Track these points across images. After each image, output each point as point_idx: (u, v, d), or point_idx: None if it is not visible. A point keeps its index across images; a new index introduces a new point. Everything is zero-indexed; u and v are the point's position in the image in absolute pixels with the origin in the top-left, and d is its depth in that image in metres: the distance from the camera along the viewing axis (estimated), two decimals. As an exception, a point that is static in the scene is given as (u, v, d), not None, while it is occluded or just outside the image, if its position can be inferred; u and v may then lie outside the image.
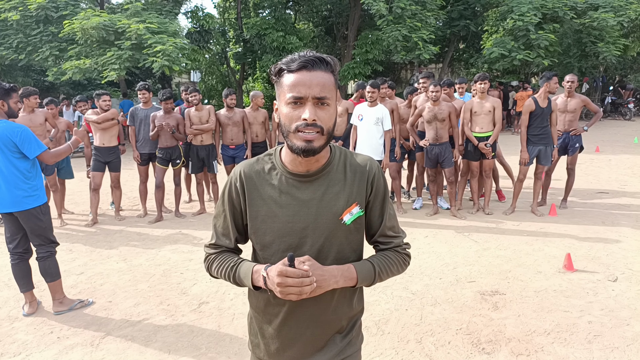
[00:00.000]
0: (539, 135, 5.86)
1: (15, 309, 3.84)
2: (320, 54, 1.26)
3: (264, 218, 1.34)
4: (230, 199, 1.40)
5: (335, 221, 1.33)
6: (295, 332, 1.39)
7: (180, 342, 3.26)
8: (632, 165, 9.33)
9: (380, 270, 1.38)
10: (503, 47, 15.49)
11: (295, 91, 1.22)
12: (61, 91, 18.37)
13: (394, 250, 1.45)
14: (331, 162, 1.35)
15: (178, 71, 14.62)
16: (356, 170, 1.37)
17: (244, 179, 1.37)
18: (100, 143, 6.24)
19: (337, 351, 1.43)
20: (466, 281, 4.12)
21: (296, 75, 1.22)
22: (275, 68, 1.28)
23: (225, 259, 1.41)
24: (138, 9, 14.60)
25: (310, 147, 1.22)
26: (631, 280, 4.02)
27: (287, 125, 1.24)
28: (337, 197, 1.33)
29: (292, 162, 1.33)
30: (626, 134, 14.28)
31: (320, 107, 1.23)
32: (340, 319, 1.43)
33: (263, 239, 1.36)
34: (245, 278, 1.33)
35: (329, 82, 1.24)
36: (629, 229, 5.38)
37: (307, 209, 1.32)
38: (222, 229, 1.44)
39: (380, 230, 1.42)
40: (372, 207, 1.40)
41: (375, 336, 3.25)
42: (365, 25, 19.21)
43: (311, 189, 1.33)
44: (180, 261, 4.85)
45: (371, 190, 1.38)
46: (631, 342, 3.06)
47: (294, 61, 1.23)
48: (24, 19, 14.24)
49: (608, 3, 16.01)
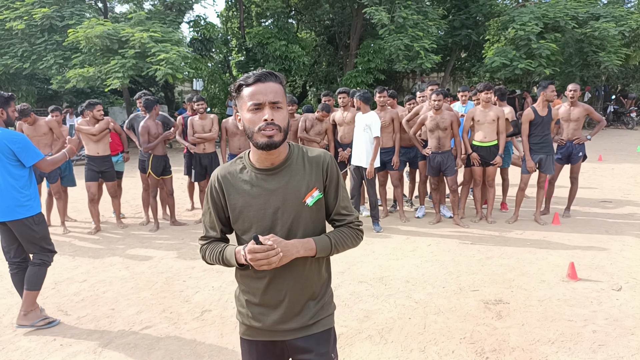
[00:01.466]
0: (539, 143, 5.88)
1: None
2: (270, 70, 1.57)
3: (241, 208, 1.63)
4: (212, 198, 1.69)
5: (299, 204, 1.61)
6: (276, 299, 1.66)
7: (183, 350, 3.25)
8: (635, 174, 9.32)
9: (336, 243, 1.66)
10: (505, 56, 15.56)
11: (255, 99, 1.51)
12: (65, 99, 18.46)
13: (348, 227, 1.72)
14: (291, 157, 1.64)
15: (181, 79, 14.69)
16: (312, 161, 1.66)
17: (221, 180, 1.65)
18: (94, 152, 6.17)
19: (312, 314, 1.70)
20: (470, 290, 4.10)
21: (253, 87, 1.53)
22: (235, 85, 1.58)
23: (214, 247, 1.71)
24: (142, 18, 14.72)
25: (271, 141, 1.51)
26: (635, 290, 4.00)
27: (251, 127, 1.53)
28: (299, 184, 1.62)
29: (258, 160, 1.62)
30: (629, 143, 14.27)
31: (275, 110, 1.52)
32: (312, 285, 1.69)
33: (242, 225, 1.65)
34: (231, 258, 1.61)
35: (280, 91, 1.55)
36: (633, 238, 5.37)
37: (275, 196, 1.60)
38: (209, 223, 1.74)
39: (335, 209, 1.71)
40: (328, 191, 1.69)
41: (379, 345, 3.23)
42: (367, 34, 19.32)
43: (277, 180, 1.61)
44: (183, 269, 4.85)
45: (326, 177, 1.67)
46: (636, 352, 3.04)
47: (250, 77, 1.54)
48: (29, 28, 14.36)
49: (609, 13, 16.09)
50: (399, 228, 6.12)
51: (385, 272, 4.57)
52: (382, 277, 4.46)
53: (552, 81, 5.87)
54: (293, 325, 1.67)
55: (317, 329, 1.70)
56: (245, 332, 1.75)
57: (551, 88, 5.75)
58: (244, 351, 1.78)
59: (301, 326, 1.68)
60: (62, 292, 4.33)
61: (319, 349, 1.69)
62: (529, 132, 5.90)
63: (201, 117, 6.44)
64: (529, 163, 5.89)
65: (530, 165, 5.88)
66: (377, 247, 5.34)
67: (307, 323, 1.68)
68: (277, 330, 1.68)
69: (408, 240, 5.61)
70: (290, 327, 1.67)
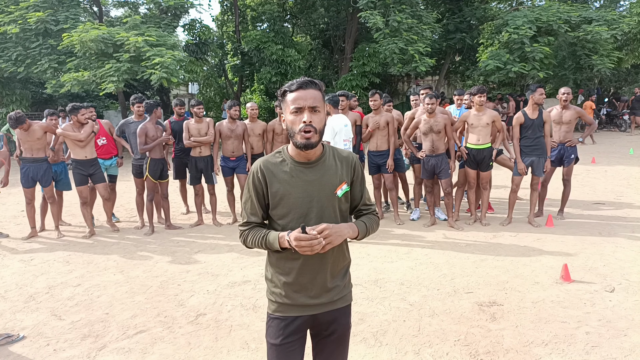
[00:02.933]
0: (530, 146, 5.94)
1: (11, 322, 3.82)
2: (311, 78, 1.79)
3: (282, 195, 1.83)
4: (254, 186, 1.87)
5: (331, 194, 1.85)
6: (309, 277, 1.87)
7: (178, 355, 3.24)
8: (628, 176, 9.39)
9: (370, 227, 1.96)
10: (498, 59, 15.66)
11: (297, 103, 1.74)
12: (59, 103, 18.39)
13: (372, 214, 2.02)
14: (325, 154, 1.88)
15: (176, 83, 14.68)
16: (342, 160, 1.91)
17: (264, 169, 1.85)
18: (82, 157, 6.13)
19: (338, 291, 1.95)
20: (464, 292, 4.12)
21: (296, 93, 1.75)
22: (280, 91, 1.81)
23: (256, 232, 1.88)
24: (137, 22, 14.69)
25: (309, 142, 1.74)
26: (628, 291, 4.02)
27: (293, 128, 1.75)
28: (332, 178, 1.86)
29: (297, 155, 1.83)
30: (622, 145, 14.38)
31: (314, 113, 1.74)
32: (338, 266, 1.95)
33: (281, 211, 1.84)
34: (274, 242, 1.79)
35: (318, 97, 1.77)
36: (626, 240, 5.40)
37: (312, 187, 1.83)
38: (251, 210, 1.90)
39: (362, 201, 2.00)
40: (355, 185, 1.95)
41: (373, 347, 3.24)
42: (362, 38, 19.39)
43: (313, 172, 1.84)
44: (178, 273, 4.84)
45: (354, 173, 1.93)
46: (629, 353, 3.06)
47: (294, 84, 1.77)
48: (23, 32, 14.30)
49: (602, 17, 16.23)
50: (393, 231, 6.14)
51: (379, 275, 4.58)
52: (376, 279, 4.47)
53: (541, 84, 5.92)
54: (322, 300, 1.90)
55: (342, 303, 1.96)
56: (277, 309, 1.92)
57: (539, 91, 5.81)
58: (272, 327, 1.93)
59: (329, 301, 1.91)
60: (56, 297, 4.31)
61: (342, 320, 1.97)
62: (520, 135, 5.96)
63: (197, 121, 6.44)
64: (519, 165, 5.95)
65: (521, 168, 5.94)
66: (371, 250, 5.35)
67: (333, 298, 1.92)
68: (307, 305, 1.89)
69: (402, 242, 5.62)
70: (319, 302, 1.90)
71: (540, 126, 5.88)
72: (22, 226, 6.91)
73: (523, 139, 5.97)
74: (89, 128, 6.12)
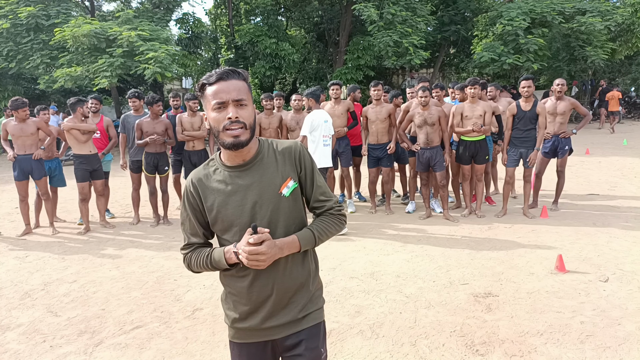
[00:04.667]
0: (520, 138, 5.98)
1: (7, 319, 3.81)
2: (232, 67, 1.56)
3: (219, 208, 1.60)
4: (190, 203, 1.65)
5: (276, 195, 1.60)
6: (263, 294, 1.62)
7: (175, 349, 3.24)
8: (622, 167, 9.44)
9: (319, 234, 1.66)
10: (493, 51, 15.67)
11: (218, 98, 1.49)
12: (52, 99, 18.26)
13: (329, 214, 1.72)
14: (261, 151, 1.63)
15: (170, 78, 14.61)
16: (284, 153, 1.65)
17: (196, 183, 1.63)
18: (87, 151, 6.13)
19: (301, 307, 1.67)
20: (459, 283, 4.14)
21: (216, 86, 1.50)
22: (198, 85, 1.55)
23: (199, 253, 1.66)
24: (129, 17, 14.59)
25: (238, 141, 1.50)
26: (622, 281, 4.06)
27: (217, 126, 1.51)
28: (273, 176, 1.61)
29: (229, 158, 1.60)
30: (615, 136, 14.45)
31: (240, 107, 1.50)
32: (297, 276, 1.66)
33: (222, 225, 1.61)
34: (220, 260, 1.59)
35: (244, 88, 1.53)
36: (619, 230, 5.44)
37: (251, 191, 1.58)
38: (190, 230, 1.69)
39: (313, 196, 1.70)
40: (304, 180, 1.68)
41: (370, 340, 3.25)
42: (356, 31, 19.33)
43: (250, 175, 1.59)
44: (174, 268, 4.83)
45: (299, 166, 1.66)
46: (623, 342, 3.09)
47: (212, 76, 1.52)
48: (14, 27, 14.18)
49: (595, 8, 16.26)
50: (389, 224, 6.15)
51: (376, 268, 4.60)
52: (373, 272, 4.48)
53: (529, 76, 5.93)
54: (282, 319, 1.64)
55: (307, 323, 1.67)
56: (235, 335, 1.71)
57: (523, 84, 5.88)
58: (233, 355, 1.74)
59: (291, 320, 1.65)
60: (52, 293, 4.30)
61: (309, 343, 1.66)
62: (512, 125, 6.04)
63: (190, 115, 6.42)
64: (503, 156, 6.13)
65: (504, 159, 6.11)
66: (367, 243, 5.37)
67: (296, 317, 1.65)
68: (266, 328, 1.65)
69: (398, 235, 5.64)
70: (279, 322, 1.64)
71: (532, 118, 5.90)
72: (16, 223, 6.87)
73: (514, 130, 6.03)
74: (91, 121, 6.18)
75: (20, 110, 5.87)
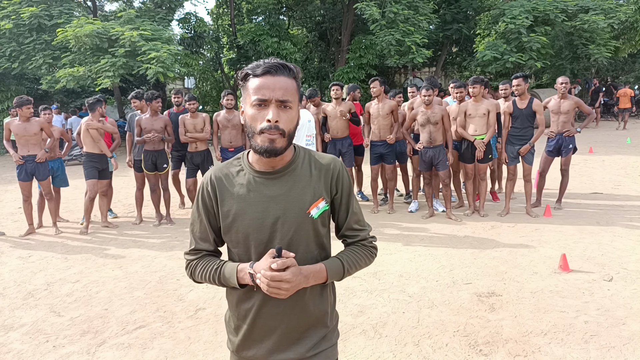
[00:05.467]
0: (517, 136, 6.00)
1: (10, 319, 3.82)
2: (284, 62, 1.34)
3: (235, 216, 1.40)
4: (204, 203, 1.45)
5: (302, 215, 1.39)
6: (270, 325, 1.43)
7: (178, 349, 3.24)
8: (626, 165, 9.40)
9: (349, 266, 1.45)
10: (495, 50, 15.63)
11: (260, 94, 1.29)
12: (55, 99, 18.30)
13: (360, 244, 1.51)
14: (295, 160, 1.42)
15: (172, 77, 14.63)
16: (321, 168, 1.44)
17: (215, 182, 1.43)
18: (98, 150, 6.21)
19: (313, 344, 1.46)
20: (463, 283, 4.13)
21: (261, 80, 1.30)
22: (241, 73, 1.35)
23: (207, 262, 1.46)
24: (131, 17, 14.60)
25: (272, 147, 1.30)
26: (626, 280, 4.04)
27: (252, 126, 1.32)
28: (303, 192, 1.40)
29: (258, 162, 1.40)
30: (619, 135, 14.39)
31: (283, 110, 1.31)
32: (313, 311, 1.46)
33: (236, 236, 1.41)
34: (231, 278, 1.39)
35: (292, 87, 1.33)
36: (623, 229, 5.42)
37: (275, 204, 1.38)
38: (200, 233, 1.49)
39: (346, 224, 1.49)
40: (338, 203, 1.47)
41: (373, 339, 3.24)
42: (358, 30, 19.31)
43: (278, 185, 1.39)
44: (177, 267, 4.83)
45: (336, 187, 1.45)
46: (627, 342, 3.07)
47: (259, 67, 1.31)
48: (17, 28, 14.21)
49: (598, 5, 16.18)
50: (392, 223, 6.14)
51: (378, 267, 4.58)
52: (375, 272, 4.47)
53: (519, 75, 5.92)
54: (290, 355, 1.45)
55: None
56: None
57: (515, 82, 5.90)
58: None
59: (299, 358, 1.45)
60: (55, 293, 4.30)
61: None
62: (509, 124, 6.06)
63: (192, 116, 6.41)
64: (502, 155, 6.13)
65: (503, 157, 6.13)
66: (370, 243, 5.35)
67: (305, 355, 1.45)
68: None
69: (401, 234, 5.62)
70: (286, 357, 1.45)
71: (529, 116, 5.90)
72: (19, 223, 6.88)
73: (511, 128, 6.06)
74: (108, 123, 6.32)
75: (25, 107, 5.89)
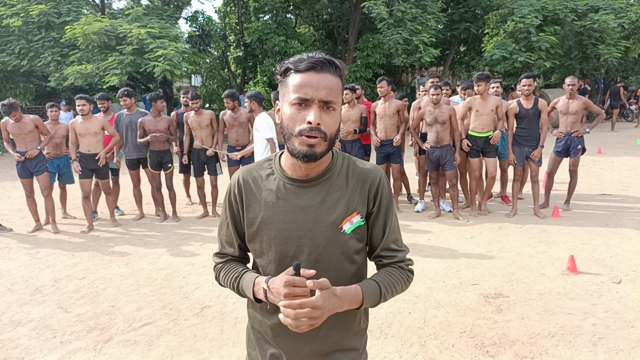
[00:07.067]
0: (524, 137, 5.95)
1: (18, 314, 3.84)
2: (330, 57, 1.20)
3: (260, 225, 1.29)
4: (231, 206, 1.36)
5: (334, 230, 1.25)
6: (293, 346, 1.32)
7: (183, 347, 3.25)
8: (635, 167, 9.31)
9: (385, 291, 1.29)
10: (504, 49, 15.51)
11: (302, 92, 1.15)
12: (63, 96, 18.40)
13: (397, 267, 1.35)
14: (332, 168, 1.29)
15: (179, 75, 14.68)
16: (359, 178, 1.29)
17: (242, 185, 1.33)
18: (86, 150, 6.14)
19: None
20: (469, 284, 4.10)
21: (303, 76, 1.16)
22: (281, 67, 1.21)
23: (230, 269, 1.38)
24: (139, 14, 14.66)
25: (312, 152, 1.17)
26: (635, 282, 3.99)
27: (290, 127, 1.18)
28: (336, 204, 1.26)
29: (291, 167, 1.28)
30: (629, 136, 14.25)
31: (325, 112, 1.17)
32: (342, 335, 1.34)
33: (260, 246, 1.31)
34: (247, 289, 1.29)
35: (337, 87, 1.19)
36: (633, 231, 5.36)
37: (304, 215, 1.25)
38: (226, 237, 1.41)
39: (383, 243, 1.33)
40: (375, 218, 1.32)
41: (379, 340, 3.23)
42: (365, 28, 19.24)
43: (309, 195, 1.26)
44: (183, 265, 4.84)
45: (374, 200, 1.30)
46: (636, 345, 3.04)
47: (303, 61, 1.17)
48: (25, 25, 14.30)
49: (608, 5, 16.01)
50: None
51: (385, 267, 4.57)
52: (381, 271, 4.46)
53: (530, 74, 5.85)
54: None
55: None
56: None
57: (523, 82, 5.84)
58: None
59: None
60: (62, 290, 4.33)
61: None
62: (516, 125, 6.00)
63: (197, 114, 6.42)
64: (509, 156, 6.07)
65: (511, 159, 6.05)
66: (376, 242, 5.34)
67: None
68: None
69: (407, 234, 5.60)
70: None
71: (536, 116, 5.86)
72: (27, 219, 6.92)
73: (517, 129, 6.00)
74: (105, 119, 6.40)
75: (11, 115, 5.96)
